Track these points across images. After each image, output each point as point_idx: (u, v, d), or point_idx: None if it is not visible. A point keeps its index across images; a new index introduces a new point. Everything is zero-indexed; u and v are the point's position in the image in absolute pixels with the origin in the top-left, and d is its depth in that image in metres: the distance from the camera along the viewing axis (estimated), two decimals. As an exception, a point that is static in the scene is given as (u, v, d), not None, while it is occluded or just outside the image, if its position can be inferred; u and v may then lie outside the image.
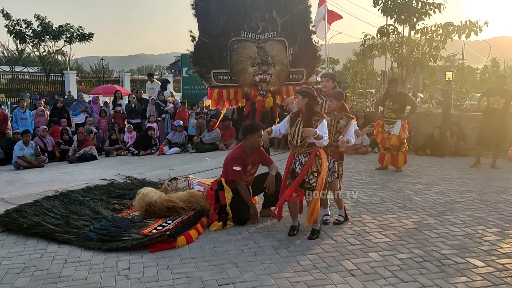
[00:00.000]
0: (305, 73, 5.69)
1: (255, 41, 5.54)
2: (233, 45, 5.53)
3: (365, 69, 14.41)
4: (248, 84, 5.53)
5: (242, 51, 5.48)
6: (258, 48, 5.52)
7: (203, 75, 5.63)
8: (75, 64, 38.06)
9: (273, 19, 5.60)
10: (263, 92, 5.54)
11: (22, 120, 10.60)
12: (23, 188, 6.70)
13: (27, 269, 3.57)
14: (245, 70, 5.49)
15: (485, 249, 3.83)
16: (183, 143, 10.86)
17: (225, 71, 5.58)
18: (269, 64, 5.51)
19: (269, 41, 5.56)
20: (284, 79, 5.59)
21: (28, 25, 24.16)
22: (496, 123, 7.28)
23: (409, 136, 9.03)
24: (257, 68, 5.48)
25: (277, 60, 5.55)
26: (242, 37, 5.53)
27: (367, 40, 10.38)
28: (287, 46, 5.65)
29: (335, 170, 4.46)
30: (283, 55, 5.60)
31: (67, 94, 20.49)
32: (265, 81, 5.53)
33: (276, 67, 5.54)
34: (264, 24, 5.58)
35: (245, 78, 5.52)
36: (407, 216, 4.82)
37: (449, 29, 9.60)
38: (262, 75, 5.50)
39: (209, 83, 5.63)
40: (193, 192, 4.75)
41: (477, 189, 6.06)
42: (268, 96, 5.55)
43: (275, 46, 5.56)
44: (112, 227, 4.29)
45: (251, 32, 5.54)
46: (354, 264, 3.54)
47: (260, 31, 5.56)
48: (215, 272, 3.43)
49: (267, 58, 5.50)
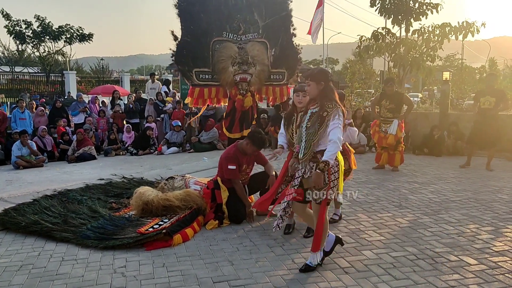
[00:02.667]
0: (286, 74, 5.78)
1: (237, 41, 5.63)
2: (215, 45, 5.62)
3: (363, 69, 14.46)
4: (228, 83, 5.62)
5: (223, 50, 5.58)
6: (239, 48, 5.61)
7: (185, 74, 5.73)
8: (75, 64, 38.16)
9: (254, 21, 5.69)
10: (243, 91, 5.60)
11: (21, 120, 10.65)
12: (22, 187, 6.74)
13: (25, 267, 3.61)
14: (225, 69, 5.58)
15: (479, 247, 3.86)
16: (181, 143, 10.91)
17: (207, 70, 5.66)
18: (249, 63, 5.59)
19: (250, 42, 5.66)
20: (265, 79, 5.68)
21: (28, 26, 24.28)
22: (488, 123, 7.18)
23: (406, 136, 9.06)
24: (238, 67, 5.57)
25: (258, 60, 5.63)
26: (224, 38, 5.62)
27: (363, 42, 10.42)
28: (269, 48, 5.74)
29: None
30: (264, 55, 5.68)
31: (66, 95, 20.56)
32: (245, 80, 5.61)
33: (257, 67, 5.63)
34: (246, 26, 5.67)
35: (225, 77, 5.60)
36: (402, 214, 4.85)
37: (446, 29, 9.63)
38: (243, 75, 5.58)
39: (190, 82, 5.72)
40: (189, 191, 4.79)
41: (473, 188, 6.09)
42: (248, 96, 5.63)
43: (256, 47, 5.65)
44: (109, 225, 4.33)
45: (232, 33, 5.63)
46: (348, 262, 3.58)
47: (241, 32, 5.64)
48: (210, 270, 3.47)
49: (248, 58, 5.59)
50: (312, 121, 3.29)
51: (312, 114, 3.31)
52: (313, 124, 3.27)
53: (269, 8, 5.71)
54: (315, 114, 3.28)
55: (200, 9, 5.56)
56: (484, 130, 7.25)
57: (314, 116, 3.29)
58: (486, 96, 7.27)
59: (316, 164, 3.25)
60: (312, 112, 3.32)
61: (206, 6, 5.57)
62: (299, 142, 3.40)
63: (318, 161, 3.24)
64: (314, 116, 3.28)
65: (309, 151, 3.30)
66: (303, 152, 3.33)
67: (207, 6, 5.58)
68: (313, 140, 3.26)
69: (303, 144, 3.34)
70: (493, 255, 3.67)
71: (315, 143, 3.27)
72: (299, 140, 3.40)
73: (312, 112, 3.32)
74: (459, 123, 9.41)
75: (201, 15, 5.57)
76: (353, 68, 14.68)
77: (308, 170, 3.34)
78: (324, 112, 3.23)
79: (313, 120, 3.28)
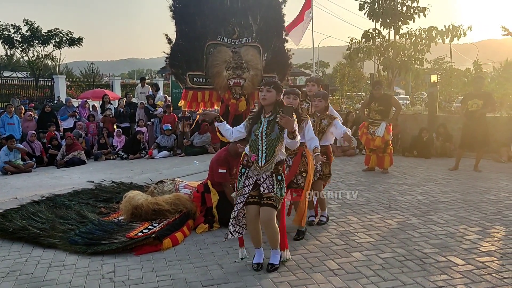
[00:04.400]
0: (277, 79, 5.81)
1: (231, 45, 5.64)
2: (210, 48, 5.61)
3: (353, 72, 14.56)
4: (222, 87, 5.62)
5: (218, 55, 5.58)
6: (234, 52, 5.62)
7: (178, 77, 5.71)
8: (65, 69, 37.87)
9: (248, 25, 5.69)
10: (236, 96, 5.61)
11: (9, 125, 10.52)
12: (10, 193, 6.66)
13: (12, 273, 3.57)
14: (219, 74, 5.58)
15: (466, 247, 3.90)
16: (172, 147, 10.87)
17: (201, 73, 5.66)
18: (243, 68, 5.61)
19: (244, 46, 5.66)
20: (257, 83, 5.71)
21: (16, 30, 24.03)
22: (476, 125, 7.24)
23: (396, 138, 9.15)
24: (232, 72, 5.57)
25: (251, 65, 5.64)
26: (219, 41, 5.62)
27: (353, 44, 10.52)
28: (261, 52, 5.75)
29: (318, 170, 4.49)
30: (257, 60, 5.70)
31: (56, 99, 20.38)
32: (239, 85, 5.62)
33: (251, 72, 5.64)
34: (240, 30, 5.66)
35: (219, 81, 5.60)
36: (391, 216, 4.89)
37: (432, 33, 9.76)
38: (236, 79, 5.59)
39: (184, 85, 5.71)
40: (179, 194, 4.77)
41: (461, 189, 6.16)
42: (242, 100, 5.64)
43: (249, 51, 5.66)
44: (98, 230, 4.29)
45: (227, 36, 5.64)
46: (337, 264, 3.59)
47: (236, 36, 5.64)
48: (200, 274, 3.45)
49: (242, 63, 5.60)
50: (270, 127, 3.34)
51: (269, 121, 3.38)
52: (272, 130, 3.33)
53: (263, 11, 5.71)
54: (272, 121, 3.35)
55: (195, 11, 5.54)
56: (473, 132, 7.31)
57: (272, 123, 3.36)
58: (473, 99, 7.34)
59: (276, 173, 3.37)
60: (268, 120, 3.38)
61: (201, 8, 5.56)
62: (254, 150, 3.39)
63: (278, 170, 3.37)
64: (272, 123, 3.36)
65: (272, 159, 3.32)
66: (265, 160, 3.34)
67: (202, 9, 5.56)
68: (276, 146, 3.31)
69: (262, 152, 3.35)
70: (481, 255, 3.71)
71: (277, 149, 3.32)
72: (254, 149, 3.40)
73: (268, 120, 3.38)
74: (447, 125, 9.53)
75: (196, 18, 5.55)
76: (342, 71, 14.77)
77: (268, 181, 3.36)
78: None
79: (271, 126, 3.34)
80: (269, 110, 3.43)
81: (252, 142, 3.42)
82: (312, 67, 13.89)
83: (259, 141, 3.38)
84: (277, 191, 3.37)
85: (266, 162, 3.35)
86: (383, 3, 10.17)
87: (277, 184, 3.38)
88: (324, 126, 4.48)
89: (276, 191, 3.37)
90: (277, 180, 3.39)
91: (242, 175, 3.49)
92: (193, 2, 5.55)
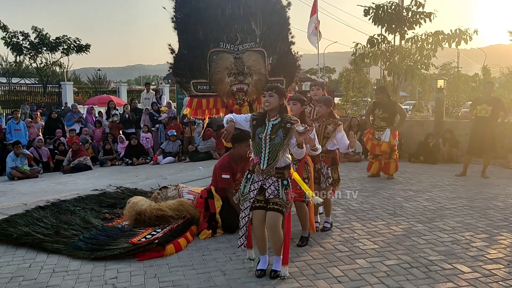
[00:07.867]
0: (284, 81, 5.80)
1: (234, 51, 5.65)
2: (212, 55, 5.64)
3: (357, 77, 14.53)
4: (225, 94, 5.64)
5: (219, 61, 5.61)
6: (236, 58, 5.64)
7: (183, 85, 5.75)
8: (73, 75, 38.24)
9: (251, 30, 5.70)
10: (240, 101, 5.62)
11: (16, 131, 10.63)
12: (15, 198, 6.71)
13: (15, 279, 3.57)
14: (222, 80, 5.60)
15: (473, 255, 3.85)
16: (177, 153, 10.90)
17: (204, 81, 5.69)
18: (245, 74, 5.62)
19: (247, 51, 5.67)
20: (262, 88, 5.71)
21: (25, 37, 24.31)
22: (485, 131, 7.16)
23: (400, 144, 9.09)
24: (234, 78, 5.59)
25: (254, 70, 5.65)
26: (221, 48, 5.65)
27: (358, 50, 10.50)
28: (266, 56, 5.74)
29: (328, 176, 4.46)
30: (260, 65, 5.69)
31: (63, 105, 20.56)
32: (242, 90, 5.63)
33: (254, 77, 5.64)
34: (243, 35, 5.68)
35: (222, 87, 5.62)
36: (396, 222, 4.84)
37: (439, 37, 9.71)
38: (239, 85, 5.60)
39: (189, 93, 5.74)
40: (182, 200, 4.77)
41: (467, 195, 6.08)
42: (245, 105, 5.64)
43: (252, 57, 5.66)
44: (102, 236, 4.29)
45: (229, 43, 5.66)
46: (341, 271, 3.56)
47: (238, 42, 5.66)
48: (202, 280, 3.43)
49: (243, 69, 5.61)
50: (274, 131, 3.36)
51: (274, 125, 3.39)
52: (276, 135, 3.34)
53: (266, 16, 5.73)
54: (277, 125, 3.37)
55: (196, 20, 5.58)
56: (481, 137, 7.25)
57: (276, 127, 3.37)
58: (482, 104, 7.27)
59: (281, 178, 3.37)
60: (273, 124, 3.39)
61: (203, 17, 5.59)
62: (257, 153, 3.40)
63: (284, 175, 3.38)
64: (276, 127, 3.37)
65: (273, 163, 3.34)
66: (267, 163, 3.35)
67: (203, 17, 5.60)
68: (279, 151, 3.32)
69: (264, 155, 3.37)
70: (487, 263, 3.66)
71: (281, 153, 3.33)
72: (257, 151, 3.41)
73: (273, 124, 3.39)
74: (454, 130, 9.45)
75: (197, 27, 5.59)
76: (348, 77, 14.74)
77: (274, 186, 3.36)
78: (287, 123, 3.35)
79: (275, 130, 3.35)
80: (273, 114, 3.43)
81: (256, 145, 3.45)
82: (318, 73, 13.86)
83: (262, 144, 3.39)
84: (283, 196, 3.36)
85: (267, 166, 3.36)
86: (388, 9, 10.15)
87: (283, 189, 3.37)
88: (329, 131, 4.46)
89: (281, 196, 3.36)
90: (282, 185, 3.38)
91: (248, 180, 3.49)
92: (194, 12, 5.59)
